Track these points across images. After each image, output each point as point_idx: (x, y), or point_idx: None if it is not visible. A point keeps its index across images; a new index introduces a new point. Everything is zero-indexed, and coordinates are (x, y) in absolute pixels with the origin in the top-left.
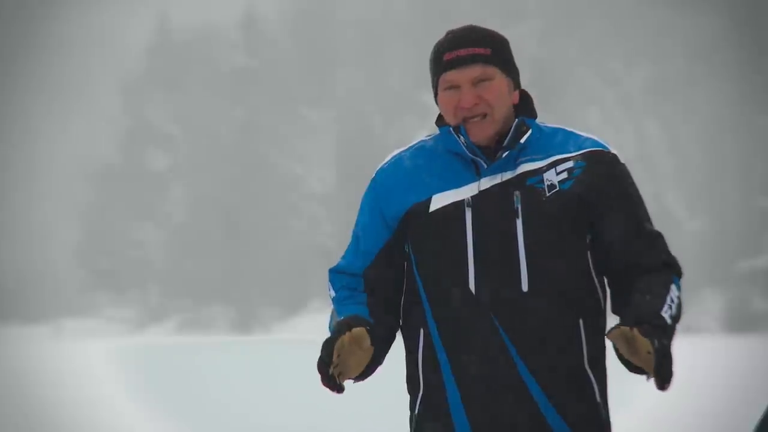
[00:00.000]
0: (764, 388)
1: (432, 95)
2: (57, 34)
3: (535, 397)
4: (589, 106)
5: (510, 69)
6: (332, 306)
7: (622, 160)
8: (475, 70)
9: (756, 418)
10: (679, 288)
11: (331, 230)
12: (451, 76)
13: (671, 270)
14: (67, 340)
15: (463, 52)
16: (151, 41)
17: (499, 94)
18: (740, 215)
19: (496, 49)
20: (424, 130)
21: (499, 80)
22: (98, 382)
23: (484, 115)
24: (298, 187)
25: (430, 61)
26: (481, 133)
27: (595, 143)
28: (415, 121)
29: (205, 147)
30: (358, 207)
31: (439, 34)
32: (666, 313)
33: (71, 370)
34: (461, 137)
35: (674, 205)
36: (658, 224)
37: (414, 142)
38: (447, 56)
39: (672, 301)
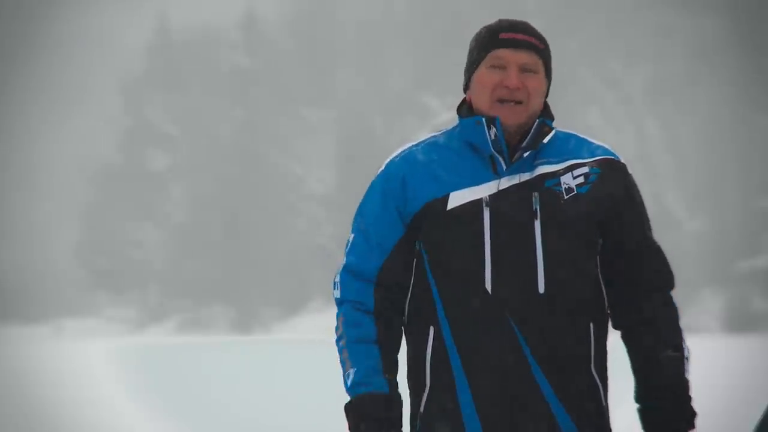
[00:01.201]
0: (764, 388)
1: (432, 95)
2: (57, 34)
3: (547, 398)
4: (589, 106)
5: (550, 73)
6: (343, 340)
7: (630, 170)
8: (528, 56)
9: (756, 418)
10: (679, 313)
11: (331, 231)
12: (503, 53)
13: (669, 287)
14: (67, 340)
15: (521, 36)
16: (151, 41)
17: (539, 88)
18: (740, 215)
19: (546, 48)
20: (425, 130)
21: (542, 76)
22: (98, 382)
23: (520, 102)
24: (298, 187)
25: (478, 39)
26: (513, 118)
27: (607, 151)
28: (415, 121)
29: (205, 147)
30: (358, 206)
31: (439, 35)
32: (687, 372)
33: (71, 370)
34: (493, 129)
35: (674, 205)
36: (658, 224)
37: (423, 138)
38: (503, 35)
39: (684, 341)
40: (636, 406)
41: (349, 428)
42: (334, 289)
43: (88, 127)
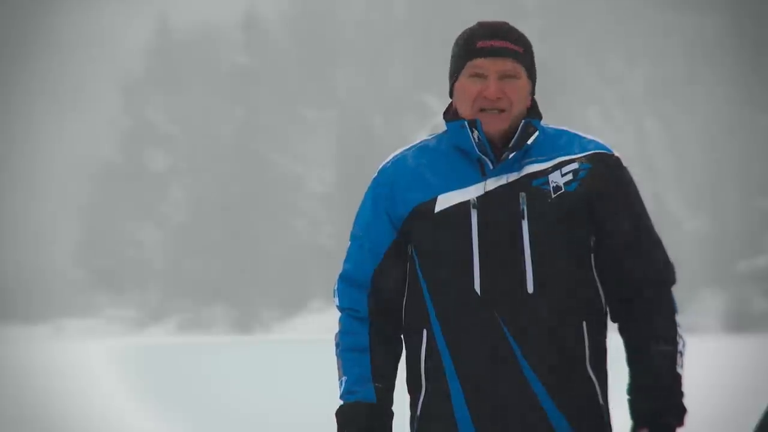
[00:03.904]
0: (764, 388)
1: (432, 95)
2: (57, 34)
3: (539, 398)
4: (589, 106)
5: (533, 73)
6: (338, 348)
7: (625, 163)
8: (506, 63)
9: (756, 418)
10: (677, 307)
11: (331, 230)
12: (481, 62)
13: (669, 282)
14: (67, 340)
15: (498, 43)
16: (151, 41)
17: (521, 93)
18: (740, 215)
19: (527, 50)
20: (424, 130)
21: (524, 81)
22: (98, 382)
23: (502, 110)
24: (298, 187)
25: (458, 46)
26: (495, 126)
27: (599, 145)
28: (415, 121)
29: (205, 147)
30: (358, 207)
31: (439, 35)
32: (680, 366)
33: (71, 370)
34: (475, 132)
35: (674, 205)
36: (658, 224)
37: (415, 142)
38: (481, 44)
39: (681, 336)
40: (627, 397)
41: None
42: (334, 296)
43: (88, 127)
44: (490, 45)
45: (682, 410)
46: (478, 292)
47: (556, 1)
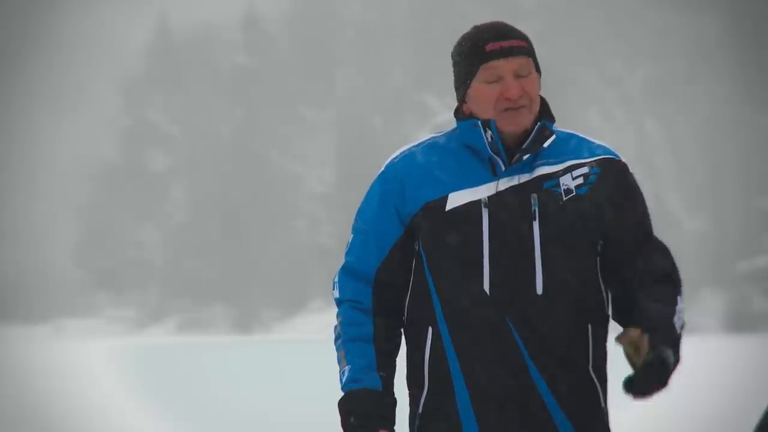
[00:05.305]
0: (764, 388)
1: (432, 95)
2: (57, 34)
3: (544, 399)
4: (589, 106)
5: (539, 66)
6: (340, 338)
7: (631, 169)
8: (519, 61)
9: (756, 418)
10: (682, 300)
11: (331, 230)
12: (496, 64)
13: (675, 284)
14: (67, 340)
15: (506, 43)
16: (151, 41)
17: (536, 88)
18: (740, 215)
19: (530, 44)
20: (424, 130)
21: (535, 75)
22: (98, 382)
23: (523, 107)
24: (298, 187)
25: (464, 52)
26: (520, 124)
27: (607, 151)
28: (415, 121)
29: (205, 147)
30: (358, 207)
31: (439, 34)
32: (677, 323)
33: (71, 370)
34: (489, 132)
35: (674, 205)
36: (658, 224)
37: (423, 139)
38: (490, 46)
39: (680, 312)
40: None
41: (341, 424)
42: (333, 289)
43: (88, 127)
44: (500, 46)
45: (678, 358)
46: (487, 292)
47: (556, 2)
